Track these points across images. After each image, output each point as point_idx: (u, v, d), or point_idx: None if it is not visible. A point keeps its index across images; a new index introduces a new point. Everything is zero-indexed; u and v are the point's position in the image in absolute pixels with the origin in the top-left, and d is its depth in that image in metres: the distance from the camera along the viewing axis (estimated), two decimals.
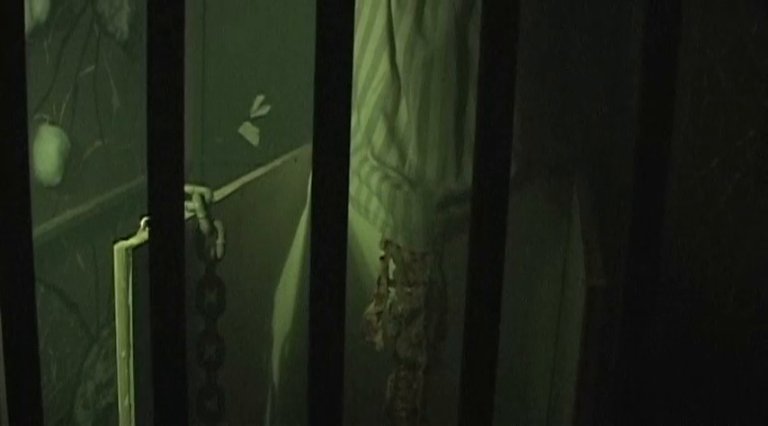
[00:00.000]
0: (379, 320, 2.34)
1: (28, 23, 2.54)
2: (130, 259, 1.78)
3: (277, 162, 2.71)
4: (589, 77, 2.95)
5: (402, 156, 2.35)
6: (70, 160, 2.81)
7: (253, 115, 3.67)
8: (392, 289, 2.34)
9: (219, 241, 2.06)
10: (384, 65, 2.36)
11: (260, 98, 3.66)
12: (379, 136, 2.36)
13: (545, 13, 2.45)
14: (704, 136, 2.61)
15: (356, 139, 2.34)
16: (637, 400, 0.97)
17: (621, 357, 0.97)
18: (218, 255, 2.06)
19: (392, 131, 2.36)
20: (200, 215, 2.02)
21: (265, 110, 3.66)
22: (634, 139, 0.92)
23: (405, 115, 2.35)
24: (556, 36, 2.56)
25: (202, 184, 2.08)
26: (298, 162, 2.79)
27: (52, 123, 2.72)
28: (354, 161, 2.30)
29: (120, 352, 1.82)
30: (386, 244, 2.33)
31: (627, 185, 0.94)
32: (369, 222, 2.36)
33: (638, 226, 0.92)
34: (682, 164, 2.68)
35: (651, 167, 0.92)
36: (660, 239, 0.93)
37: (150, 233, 0.94)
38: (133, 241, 1.82)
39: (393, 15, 2.34)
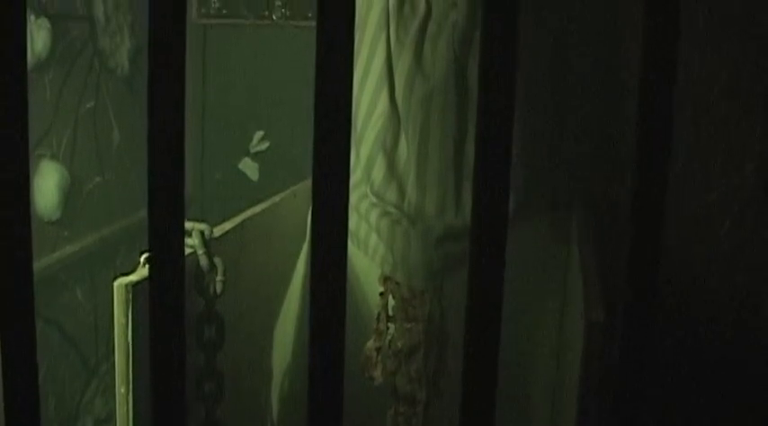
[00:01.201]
0: (378, 355, 2.34)
1: (29, 59, 2.55)
2: (130, 295, 1.78)
3: (276, 198, 2.71)
4: (587, 112, 2.96)
5: (401, 192, 2.35)
6: (70, 195, 2.82)
7: (252, 150, 3.68)
8: (391, 325, 2.33)
9: (219, 277, 2.06)
10: (383, 101, 2.36)
11: (259, 133, 3.67)
12: (379, 172, 2.37)
13: (543, 49, 2.46)
14: (703, 168, 2.61)
15: (355, 176, 2.35)
16: None
17: (620, 391, 0.97)
18: (218, 291, 2.06)
19: (391, 167, 2.36)
20: (200, 251, 2.03)
21: (265, 145, 3.67)
22: (632, 172, 0.92)
23: (404, 151, 2.35)
24: (553, 72, 2.57)
25: (202, 220, 2.08)
26: (297, 197, 2.79)
27: (53, 158, 2.73)
28: (354, 197, 2.31)
29: (120, 388, 1.82)
30: (385, 279, 2.33)
31: (626, 219, 0.94)
32: (368, 258, 2.36)
33: (636, 260, 0.93)
34: (681, 196, 2.68)
35: (649, 201, 0.93)
36: (658, 273, 0.93)
37: (150, 269, 0.94)
38: (133, 277, 1.82)
39: (392, 51, 2.35)
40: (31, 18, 2.55)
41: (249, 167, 3.69)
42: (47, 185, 2.70)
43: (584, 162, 2.89)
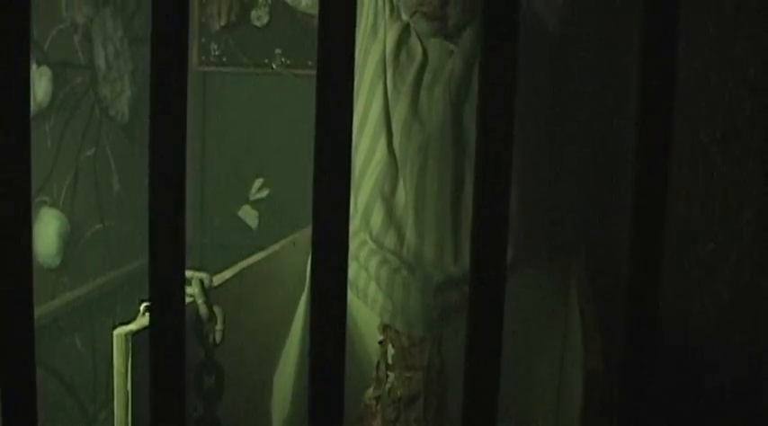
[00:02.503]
0: (378, 404, 2.33)
1: (30, 107, 2.57)
2: (130, 344, 1.78)
3: (275, 246, 2.71)
4: (585, 160, 2.97)
5: (400, 238, 2.35)
6: (70, 242, 2.82)
7: (252, 198, 3.69)
8: (391, 374, 2.33)
9: (218, 326, 2.06)
10: (381, 148, 2.37)
11: (259, 181, 3.68)
12: (377, 218, 2.37)
13: (540, 97, 2.48)
14: (701, 219, 2.62)
15: (354, 223, 2.35)
16: None
17: None
18: (217, 340, 2.06)
19: (390, 213, 2.37)
20: (200, 300, 2.03)
21: (264, 193, 3.68)
22: (629, 221, 0.93)
23: (402, 197, 2.36)
24: (551, 121, 2.58)
25: (201, 268, 2.08)
26: (296, 246, 2.79)
27: (53, 205, 2.73)
28: (353, 245, 2.31)
29: None
30: (384, 328, 2.32)
31: (624, 268, 0.94)
32: (367, 306, 2.36)
33: (634, 311, 0.93)
34: (679, 246, 2.69)
35: (647, 250, 0.93)
36: (657, 323, 0.93)
37: (151, 319, 0.94)
38: (132, 326, 1.81)
39: (389, 99, 2.36)
40: (32, 66, 2.57)
41: (248, 215, 3.69)
42: (47, 232, 2.70)
43: (584, 212, 2.90)
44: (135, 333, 1.79)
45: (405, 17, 2.39)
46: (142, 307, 1.86)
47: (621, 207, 2.74)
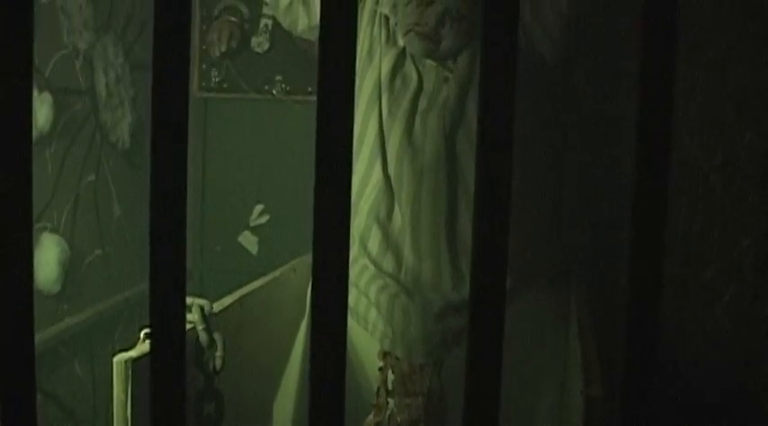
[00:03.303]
0: None
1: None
2: (129, 371, 1.78)
3: (276, 273, 2.71)
4: (584, 189, 2.98)
5: (398, 261, 2.36)
6: (70, 268, 2.82)
7: (252, 224, 3.69)
8: (391, 400, 2.32)
9: (218, 353, 2.05)
10: (377, 173, 2.38)
11: (259, 207, 3.68)
12: (374, 242, 2.38)
13: (539, 126, 2.48)
14: (700, 246, 2.62)
15: (353, 250, 2.35)
16: None
17: None
18: (217, 367, 2.06)
19: (387, 237, 2.38)
20: (200, 327, 2.02)
21: (264, 219, 3.68)
22: (628, 247, 0.93)
23: (398, 222, 2.37)
24: (550, 148, 2.59)
25: (201, 293, 2.08)
26: (296, 273, 2.79)
27: (53, 231, 2.74)
28: (353, 271, 2.31)
29: None
30: (385, 354, 2.32)
31: (624, 294, 0.94)
32: (368, 333, 2.36)
33: (633, 337, 0.93)
34: (679, 273, 2.69)
35: (647, 276, 0.93)
36: (656, 349, 0.93)
37: (151, 346, 0.94)
38: (132, 353, 1.81)
39: (384, 124, 2.37)
40: (33, 92, 2.57)
41: (249, 241, 3.69)
42: (47, 258, 2.70)
43: (583, 238, 2.90)
44: (135, 360, 1.79)
45: (401, 42, 2.40)
46: (142, 334, 1.86)
47: (621, 233, 2.75)
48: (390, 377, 2.32)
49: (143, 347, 1.84)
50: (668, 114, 0.90)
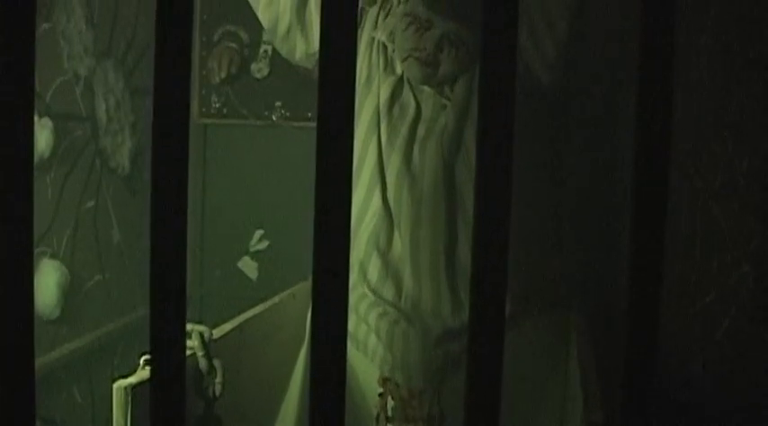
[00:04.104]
0: None
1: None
2: (129, 397, 1.77)
3: (275, 299, 2.71)
4: (584, 215, 2.98)
5: (398, 290, 2.36)
6: (69, 293, 2.82)
7: (252, 249, 3.69)
8: None
9: (218, 380, 2.05)
10: (376, 201, 2.39)
11: (259, 232, 3.68)
12: (374, 270, 2.38)
13: (540, 155, 2.49)
14: (699, 270, 2.62)
15: (352, 277, 2.35)
16: None
17: None
18: (217, 394, 2.05)
19: (386, 265, 2.38)
20: (200, 353, 2.02)
21: (264, 244, 3.68)
22: (627, 274, 0.93)
23: (398, 249, 2.37)
24: (549, 174, 2.59)
25: (201, 319, 2.08)
26: (296, 299, 2.79)
27: (53, 257, 2.74)
28: (352, 297, 2.31)
29: None
30: (384, 380, 2.32)
31: (624, 318, 0.94)
32: (367, 359, 2.35)
33: (632, 363, 0.93)
34: (678, 298, 2.68)
35: (646, 302, 0.93)
36: (656, 373, 0.93)
37: (151, 372, 0.94)
38: (132, 379, 1.81)
39: (383, 152, 2.37)
40: (34, 118, 2.58)
41: (248, 266, 3.69)
42: (47, 283, 2.70)
43: (583, 264, 2.89)
44: (135, 387, 1.79)
45: (399, 70, 2.41)
46: (142, 360, 1.86)
47: (620, 259, 2.75)
48: (390, 402, 2.32)
49: (143, 373, 1.84)
50: (666, 138, 0.91)
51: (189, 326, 2.00)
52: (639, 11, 0.90)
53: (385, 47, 2.43)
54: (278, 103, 3.64)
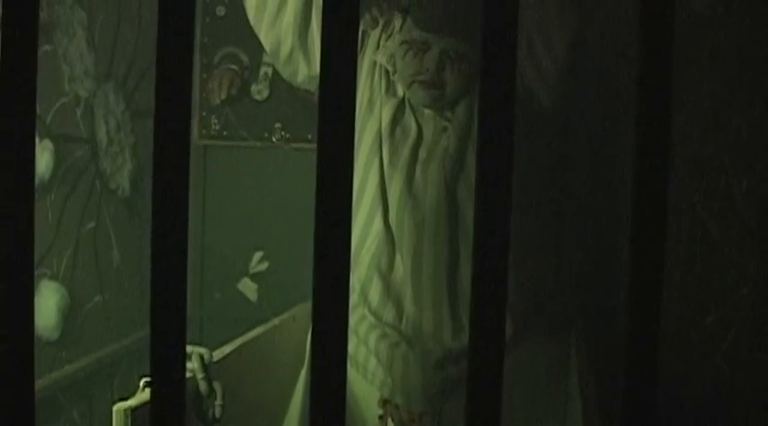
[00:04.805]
0: None
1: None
2: (129, 420, 1.77)
3: (275, 321, 2.71)
4: (584, 236, 2.98)
5: (399, 313, 2.36)
6: (69, 315, 2.81)
7: (251, 271, 3.69)
8: None
9: (218, 402, 2.05)
10: (377, 223, 2.38)
11: (259, 254, 3.68)
12: (375, 293, 2.38)
13: (538, 171, 2.49)
14: (699, 292, 2.62)
15: (353, 298, 2.35)
16: None
17: None
18: (217, 416, 2.05)
19: (388, 288, 2.37)
20: (199, 375, 2.02)
21: (264, 266, 3.68)
22: (627, 297, 0.93)
23: (400, 272, 2.37)
24: (549, 197, 2.59)
25: (200, 340, 2.08)
26: (296, 321, 2.79)
27: (53, 278, 2.74)
28: (352, 320, 2.31)
29: None
30: (384, 402, 2.32)
31: (623, 345, 0.94)
32: (367, 381, 2.35)
33: (632, 383, 0.93)
34: (678, 320, 2.68)
35: (645, 324, 0.93)
36: (655, 395, 0.93)
37: (152, 395, 0.94)
38: (132, 402, 1.80)
39: (385, 175, 2.37)
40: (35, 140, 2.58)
41: (248, 288, 3.69)
42: (46, 305, 2.70)
43: (583, 289, 2.89)
44: (135, 409, 1.78)
45: (400, 92, 2.41)
46: (142, 383, 1.85)
47: (620, 282, 2.74)
48: (390, 425, 2.32)
49: (143, 395, 1.83)
50: (665, 160, 0.91)
51: (189, 349, 1.99)
52: (637, 35, 0.90)
53: (386, 70, 2.43)
54: (278, 125, 3.65)
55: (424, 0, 2.34)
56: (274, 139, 3.65)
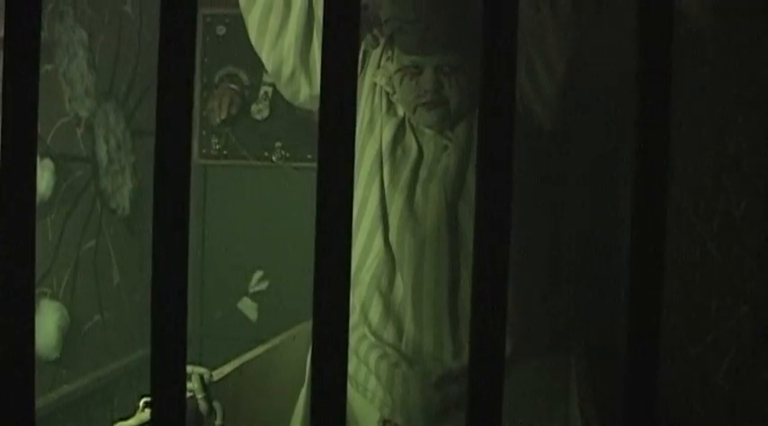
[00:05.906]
0: None
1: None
2: None
3: (275, 340, 2.71)
4: (583, 254, 2.98)
5: (399, 332, 2.35)
6: (69, 334, 2.81)
7: (251, 290, 3.69)
8: None
9: (218, 422, 2.04)
10: (378, 243, 2.38)
11: (259, 273, 3.68)
12: (375, 313, 2.37)
13: (539, 199, 2.49)
14: (698, 312, 2.62)
15: (353, 319, 2.34)
16: None
17: None
18: None
19: (388, 308, 2.37)
20: (199, 395, 2.02)
21: (264, 285, 3.68)
22: (626, 317, 0.93)
23: (400, 292, 2.36)
24: (548, 216, 2.59)
25: (200, 359, 2.08)
26: (296, 340, 2.79)
27: (52, 297, 2.74)
28: (352, 339, 2.31)
29: None
30: (384, 422, 2.31)
31: (623, 361, 0.94)
32: (367, 401, 2.35)
33: (633, 402, 0.93)
34: (677, 340, 2.68)
35: (644, 345, 0.93)
36: (656, 415, 0.93)
37: (152, 415, 0.94)
38: (132, 422, 1.80)
39: (386, 194, 2.37)
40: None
41: (248, 307, 3.69)
42: (46, 324, 2.70)
43: (583, 308, 2.89)
44: None
45: (401, 112, 2.41)
46: (141, 403, 1.85)
47: (620, 302, 2.75)
48: None
49: (142, 415, 1.83)
50: (664, 180, 0.91)
51: (189, 368, 2.00)
52: (636, 55, 0.91)
53: (387, 91, 2.43)
54: (278, 144, 3.66)
55: (405, 26, 2.33)
56: (274, 159, 3.66)
